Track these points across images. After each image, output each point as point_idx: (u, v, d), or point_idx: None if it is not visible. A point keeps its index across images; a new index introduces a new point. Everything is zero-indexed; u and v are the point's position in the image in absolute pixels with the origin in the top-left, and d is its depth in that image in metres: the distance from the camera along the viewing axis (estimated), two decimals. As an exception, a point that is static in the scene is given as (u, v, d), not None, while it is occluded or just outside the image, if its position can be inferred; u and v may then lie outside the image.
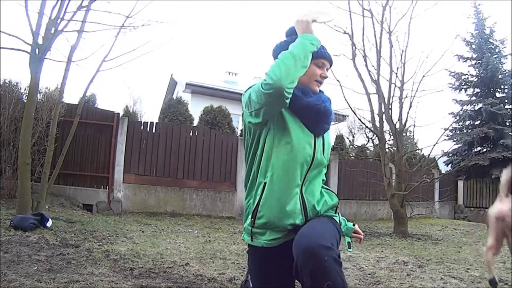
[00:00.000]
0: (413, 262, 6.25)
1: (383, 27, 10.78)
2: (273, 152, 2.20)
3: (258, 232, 2.21)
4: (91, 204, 10.44)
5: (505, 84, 20.17)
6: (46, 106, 9.50)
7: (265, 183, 2.20)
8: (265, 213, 2.18)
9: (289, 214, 2.17)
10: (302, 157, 2.23)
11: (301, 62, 2.10)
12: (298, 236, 2.05)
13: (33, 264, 4.36)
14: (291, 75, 2.02)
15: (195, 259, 5.51)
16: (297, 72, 2.07)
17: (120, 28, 8.52)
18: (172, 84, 24.28)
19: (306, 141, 2.26)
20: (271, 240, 2.19)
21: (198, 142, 12.24)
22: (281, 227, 2.18)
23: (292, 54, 2.09)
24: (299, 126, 2.25)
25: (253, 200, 2.26)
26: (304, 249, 1.91)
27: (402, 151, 10.78)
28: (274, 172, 2.19)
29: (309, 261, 1.89)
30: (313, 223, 2.23)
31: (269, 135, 2.21)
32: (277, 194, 2.18)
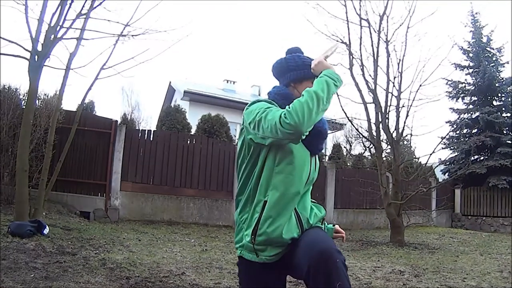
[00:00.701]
0: (409, 271, 6.26)
1: (380, 36, 10.85)
2: (274, 172, 2.23)
3: (259, 248, 2.24)
4: (88, 212, 10.40)
5: (502, 92, 20.26)
6: (45, 112, 9.50)
7: (265, 201, 2.23)
8: (266, 230, 2.21)
9: (288, 229, 2.22)
10: (303, 177, 2.29)
11: (324, 105, 2.10)
12: (307, 242, 2.12)
13: (30, 271, 4.37)
14: (312, 120, 2.03)
15: (191, 268, 5.52)
16: (318, 116, 2.08)
17: (118, 36, 8.56)
18: (170, 91, 24.36)
19: (306, 160, 2.31)
20: (273, 255, 2.24)
21: (195, 150, 12.25)
22: (282, 243, 2.22)
23: (317, 97, 2.08)
24: (300, 146, 2.28)
25: (250, 216, 2.28)
26: (321, 252, 1.97)
27: (399, 160, 10.82)
28: (276, 191, 2.22)
29: (325, 264, 1.94)
30: (315, 231, 2.30)
31: (271, 154, 2.23)
32: (278, 211, 2.21)
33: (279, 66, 2.48)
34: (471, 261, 7.73)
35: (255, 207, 2.27)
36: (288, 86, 2.47)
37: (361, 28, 10.94)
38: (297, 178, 2.25)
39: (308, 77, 2.39)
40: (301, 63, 2.43)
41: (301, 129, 1.98)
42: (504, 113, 19.96)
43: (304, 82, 2.41)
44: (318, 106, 2.05)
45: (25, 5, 7.39)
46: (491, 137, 18.73)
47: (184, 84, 22.60)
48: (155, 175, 11.67)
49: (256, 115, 2.16)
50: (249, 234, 2.26)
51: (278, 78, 2.52)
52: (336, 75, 2.24)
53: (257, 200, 2.27)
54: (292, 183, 2.23)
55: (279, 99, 2.35)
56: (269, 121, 2.07)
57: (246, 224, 2.30)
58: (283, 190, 2.22)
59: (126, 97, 28.67)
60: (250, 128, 2.20)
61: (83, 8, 8.06)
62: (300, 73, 2.42)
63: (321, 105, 2.07)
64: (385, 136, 10.98)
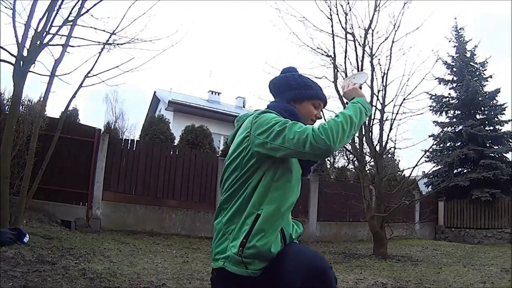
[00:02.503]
0: (392, 283, 6.27)
1: (365, 50, 10.95)
2: (272, 187, 2.22)
3: (246, 262, 2.20)
4: (70, 221, 10.25)
5: (485, 106, 20.69)
6: (28, 119, 9.38)
7: (258, 215, 2.20)
8: (255, 243, 2.18)
9: (275, 245, 2.22)
10: (295, 196, 2.31)
11: (354, 131, 2.17)
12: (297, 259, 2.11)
13: (9, 280, 4.30)
14: (344, 141, 2.09)
15: (172, 280, 5.47)
16: (349, 139, 2.15)
17: (104, 45, 8.53)
18: (154, 101, 24.32)
19: (299, 180, 2.35)
20: (259, 269, 2.20)
21: (178, 161, 12.21)
22: (269, 257, 2.20)
23: (351, 121, 2.14)
24: (298, 166, 2.32)
25: (238, 228, 2.24)
26: (316, 270, 2.00)
27: (382, 173, 10.88)
28: (272, 206, 2.21)
29: (320, 282, 1.98)
30: (300, 247, 2.33)
31: (271, 169, 2.23)
32: (269, 227, 2.20)
33: (279, 83, 2.50)
34: (454, 272, 7.77)
35: (245, 219, 2.23)
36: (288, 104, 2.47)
37: (346, 42, 11.07)
38: (291, 196, 2.27)
39: (309, 97, 2.44)
40: (302, 83, 2.45)
41: (333, 148, 2.03)
42: (487, 126, 20.36)
43: (304, 102, 2.43)
44: (350, 130, 2.11)
45: (13, 9, 7.36)
46: (474, 150, 19.06)
47: (168, 94, 22.60)
48: (138, 185, 11.59)
49: (275, 124, 2.14)
50: (235, 246, 2.21)
51: (276, 95, 2.53)
52: (368, 105, 2.31)
53: (249, 213, 2.23)
54: (287, 200, 2.25)
55: (286, 115, 2.32)
56: (297, 132, 2.06)
57: (232, 235, 2.26)
58: (278, 206, 2.21)
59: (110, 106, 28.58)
60: (262, 137, 2.16)
61: (70, 15, 8.04)
62: (302, 93, 2.43)
63: (353, 130, 2.14)
64: (369, 149, 11.05)
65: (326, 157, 2.07)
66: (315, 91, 2.45)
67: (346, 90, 2.43)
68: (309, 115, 2.42)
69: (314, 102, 2.44)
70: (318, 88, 2.48)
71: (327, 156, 2.06)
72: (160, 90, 23.89)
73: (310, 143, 2.01)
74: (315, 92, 2.44)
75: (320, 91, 2.48)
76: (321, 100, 2.48)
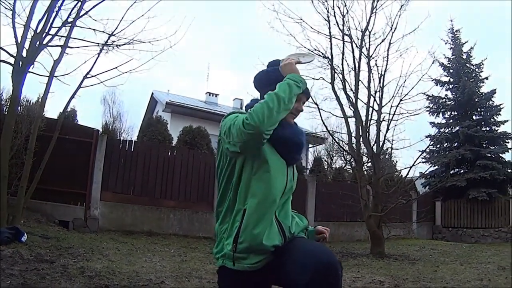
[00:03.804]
0: (389, 281, 6.30)
1: (362, 51, 11.00)
2: (252, 181, 2.28)
3: (240, 256, 2.26)
4: (67, 221, 10.25)
5: (481, 107, 20.79)
6: (26, 119, 9.39)
7: (245, 209, 2.26)
8: (246, 237, 2.23)
9: (269, 237, 2.25)
10: (278, 185, 2.33)
11: (285, 105, 2.18)
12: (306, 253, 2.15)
13: (7, 278, 4.31)
14: (273, 119, 2.11)
15: (170, 278, 5.49)
16: (279, 115, 2.16)
17: (103, 46, 8.57)
18: (152, 103, 24.30)
19: (281, 170, 2.37)
20: (254, 263, 2.25)
21: (176, 162, 12.24)
22: (263, 250, 2.25)
23: (277, 96, 2.17)
24: (276, 155, 2.34)
25: (230, 226, 2.31)
26: (328, 263, 2.03)
27: (379, 173, 10.92)
28: (254, 199, 2.26)
29: (330, 276, 2.01)
30: (310, 242, 2.42)
31: (247, 164, 2.29)
32: (257, 219, 2.24)
33: (260, 78, 2.54)
34: (451, 270, 7.80)
35: (235, 217, 2.31)
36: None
37: (343, 43, 11.12)
38: (274, 186, 2.30)
39: None
40: (281, 77, 2.44)
41: (261, 128, 2.07)
42: (483, 127, 20.45)
43: None
44: (279, 106, 2.14)
45: (13, 10, 7.39)
46: (471, 150, 19.15)
47: (166, 96, 22.60)
48: (136, 185, 11.62)
49: (228, 124, 2.24)
50: (230, 243, 2.28)
51: (260, 90, 2.56)
52: (300, 78, 2.33)
53: (237, 210, 2.31)
54: (269, 191, 2.28)
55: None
56: (235, 126, 2.15)
57: (226, 233, 2.33)
58: (261, 198, 2.26)
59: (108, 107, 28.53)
60: (225, 138, 2.26)
61: (69, 16, 8.08)
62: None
63: (282, 104, 2.16)
64: (366, 150, 11.09)
65: (261, 138, 2.06)
66: None
67: (282, 64, 2.44)
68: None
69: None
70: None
71: (261, 137, 2.08)
72: (158, 92, 23.88)
73: (243, 132, 2.09)
74: None
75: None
76: (301, 93, 2.46)
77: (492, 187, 18.53)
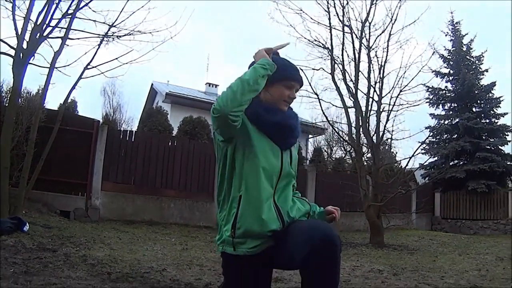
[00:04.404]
0: (388, 270, 6.35)
1: (362, 42, 11.01)
2: (244, 167, 2.33)
3: (239, 241, 2.31)
4: (69, 211, 10.32)
5: (481, 99, 20.85)
6: (27, 111, 9.41)
7: (240, 196, 2.32)
8: (243, 223, 2.29)
9: (266, 221, 2.29)
10: (271, 170, 2.37)
11: (250, 86, 2.21)
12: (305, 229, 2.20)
13: (9, 266, 4.35)
14: (237, 101, 2.15)
15: (172, 265, 5.55)
16: (245, 96, 2.19)
17: (103, 37, 8.58)
18: (152, 93, 24.29)
19: (273, 155, 2.40)
20: (253, 247, 2.30)
21: (176, 152, 12.29)
22: (261, 234, 2.29)
23: (241, 79, 2.23)
24: (266, 141, 2.39)
25: (228, 213, 2.37)
26: (324, 236, 2.06)
27: (379, 164, 10.96)
28: (248, 185, 2.31)
29: (327, 247, 2.05)
30: (309, 220, 2.52)
31: (238, 151, 2.35)
32: (252, 205, 2.30)
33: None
34: (450, 261, 7.86)
35: (231, 203, 2.36)
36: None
37: (343, 34, 11.12)
38: (266, 171, 2.34)
39: (278, 80, 2.46)
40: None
41: (225, 111, 2.12)
42: (483, 119, 20.51)
43: (275, 84, 2.46)
44: (242, 88, 2.18)
45: (13, 2, 7.40)
46: (470, 142, 19.19)
47: (166, 87, 22.58)
48: (136, 175, 11.68)
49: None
50: (228, 229, 2.33)
51: None
52: (266, 60, 2.35)
53: (233, 196, 2.36)
54: (261, 175, 2.32)
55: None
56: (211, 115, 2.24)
57: (225, 220, 2.38)
58: (254, 184, 2.31)
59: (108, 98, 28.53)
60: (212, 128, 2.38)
61: (69, 8, 8.08)
62: (271, 76, 2.42)
63: (246, 86, 2.20)
64: (366, 140, 11.13)
65: (228, 120, 2.10)
66: (284, 73, 2.47)
67: (253, 55, 2.48)
68: (280, 96, 2.47)
69: (285, 83, 2.47)
70: (289, 70, 2.51)
71: (227, 119, 2.13)
72: (157, 83, 23.85)
73: (213, 118, 2.20)
74: (284, 74, 2.46)
75: (292, 72, 2.51)
76: (293, 81, 2.50)
77: (491, 179, 18.63)
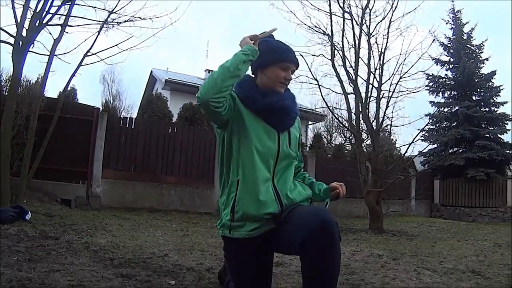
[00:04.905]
0: (387, 255, 6.39)
1: (362, 29, 10.97)
2: (240, 152, 2.38)
3: (237, 225, 2.36)
4: (70, 199, 10.36)
5: (481, 87, 20.80)
6: (27, 99, 9.41)
7: (238, 180, 2.37)
8: (241, 206, 2.33)
9: (263, 204, 2.33)
10: (266, 153, 2.40)
11: (230, 72, 2.24)
12: (304, 214, 2.24)
13: (13, 254, 4.37)
14: (217, 87, 2.19)
15: (173, 251, 5.59)
16: (225, 82, 2.22)
17: (103, 24, 8.56)
18: (151, 80, 24.24)
19: (268, 137, 2.43)
20: (251, 230, 2.35)
21: (176, 138, 12.31)
22: (258, 217, 2.33)
23: (222, 66, 2.27)
24: (261, 125, 2.43)
25: (227, 197, 2.43)
26: (322, 221, 2.09)
27: (378, 150, 10.98)
28: (245, 169, 2.36)
29: (324, 233, 2.08)
30: (309, 205, 2.52)
31: (233, 137, 2.40)
32: (250, 188, 2.34)
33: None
34: (449, 246, 7.92)
35: (230, 188, 2.42)
36: (256, 72, 2.58)
37: (343, 21, 11.06)
38: (260, 154, 2.38)
39: (274, 61, 2.49)
40: (267, 48, 2.50)
41: (206, 97, 2.18)
42: (482, 107, 20.48)
43: (270, 67, 2.50)
44: (223, 74, 2.23)
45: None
46: (470, 130, 19.24)
47: (165, 74, 22.52)
48: (137, 162, 11.72)
49: None
50: (227, 213, 2.39)
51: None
52: (247, 46, 2.38)
53: (231, 181, 2.41)
54: (256, 159, 2.36)
55: (236, 88, 2.50)
56: None
57: (224, 205, 2.45)
58: (251, 167, 2.35)
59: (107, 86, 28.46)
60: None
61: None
62: (266, 59, 2.49)
63: (226, 72, 2.23)
64: (365, 126, 11.14)
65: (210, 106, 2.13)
66: (278, 55, 2.50)
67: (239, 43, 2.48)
68: (276, 78, 2.50)
69: (280, 65, 2.49)
70: (284, 51, 2.53)
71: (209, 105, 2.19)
72: (157, 70, 23.79)
73: (198, 105, 2.26)
74: (279, 55, 2.49)
75: (286, 54, 2.52)
76: (288, 62, 2.52)
77: (490, 167, 18.71)
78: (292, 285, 4.14)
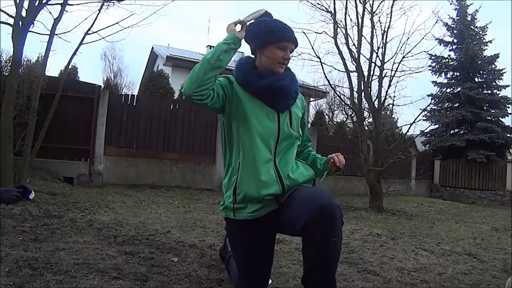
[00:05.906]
0: (386, 234, 6.48)
1: (365, 7, 10.89)
2: (240, 134, 2.40)
3: (240, 207, 2.40)
4: (72, 177, 10.45)
5: (483, 70, 20.72)
6: (27, 79, 9.39)
7: (239, 162, 2.40)
8: (243, 188, 2.37)
9: (264, 184, 2.35)
10: (266, 133, 2.41)
11: (211, 64, 2.25)
12: (306, 197, 2.26)
13: (18, 234, 4.42)
14: (199, 81, 2.20)
15: (176, 227, 5.67)
16: (207, 75, 2.23)
17: (103, 1, 8.52)
18: (152, 57, 24.07)
19: (268, 118, 2.43)
20: (253, 212, 2.38)
21: (178, 115, 12.28)
22: (259, 198, 2.36)
23: (203, 59, 2.28)
24: (259, 106, 2.43)
25: (229, 180, 2.47)
26: (322, 206, 2.09)
27: (380, 129, 11.00)
28: (245, 151, 2.39)
29: (325, 218, 2.09)
30: (311, 187, 2.51)
31: (233, 120, 2.42)
32: (251, 169, 2.37)
33: (248, 31, 2.53)
34: (447, 228, 8.02)
35: (232, 170, 2.45)
36: (255, 53, 2.57)
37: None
38: (260, 135, 2.39)
39: (272, 41, 2.46)
40: (264, 29, 2.48)
41: (188, 91, 2.21)
42: (485, 90, 20.48)
43: (268, 47, 2.48)
44: (204, 67, 2.23)
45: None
46: (472, 112, 19.23)
47: (166, 50, 22.36)
48: (139, 139, 11.74)
49: None
50: (230, 195, 2.43)
51: (249, 43, 2.59)
52: (229, 35, 2.39)
53: (233, 164, 2.45)
54: (257, 140, 2.38)
55: (235, 71, 2.53)
56: None
57: (226, 187, 2.48)
58: (251, 149, 2.37)
59: (108, 63, 28.40)
60: None
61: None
62: (263, 39, 2.47)
63: (207, 64, 2.24)
64: (367, 105, 11.14)
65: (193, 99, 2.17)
66: (276, 34, 2.46)
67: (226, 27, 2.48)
68: (275, 58, 2.47)
69: (278, 45, 2.46)
70: (281, 31, 2.48)
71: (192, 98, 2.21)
72: (158, 46, 23.59)
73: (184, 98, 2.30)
74: (276, 35, 2.45)
75: (284, 33, 2.48)
76: (286, 41, 2.48)
77: (491, 150, 18.78)
78: (292, 262, 4.23)
